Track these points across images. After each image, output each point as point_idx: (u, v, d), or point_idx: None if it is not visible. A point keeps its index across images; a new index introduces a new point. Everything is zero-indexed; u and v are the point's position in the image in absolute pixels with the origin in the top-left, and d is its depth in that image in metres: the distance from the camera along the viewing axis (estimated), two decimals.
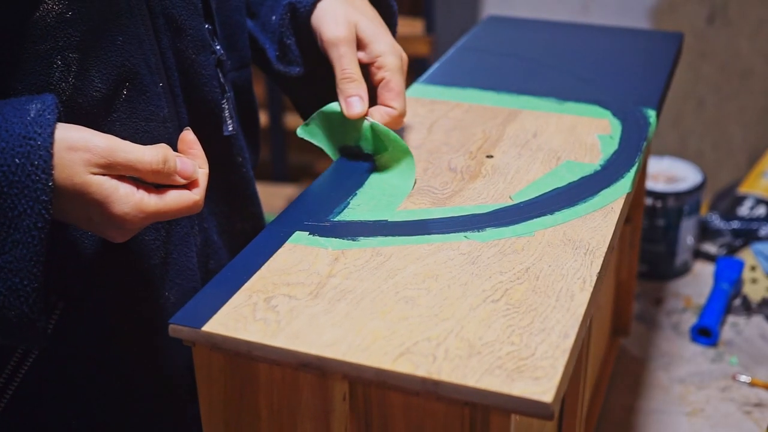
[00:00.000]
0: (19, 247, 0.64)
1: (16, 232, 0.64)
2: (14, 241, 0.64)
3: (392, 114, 0.87)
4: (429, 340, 0.63)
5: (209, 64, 0.85)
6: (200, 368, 0.69)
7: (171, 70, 0.82)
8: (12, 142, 0.64)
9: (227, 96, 0.88)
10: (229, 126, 0.88)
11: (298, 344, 0.63)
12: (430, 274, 0.71)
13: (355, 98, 0.86)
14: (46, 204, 0.64)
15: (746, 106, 2.42)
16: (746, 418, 1.17)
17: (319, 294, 0.69)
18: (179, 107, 0.83)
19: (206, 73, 0.84)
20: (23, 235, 0.64)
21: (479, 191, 0.83)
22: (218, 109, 0.87)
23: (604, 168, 0.87)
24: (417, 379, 0.60)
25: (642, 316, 1.40)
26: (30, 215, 0.64)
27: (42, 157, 0.64)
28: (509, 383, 0.58)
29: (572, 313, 0.65)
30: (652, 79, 1.09)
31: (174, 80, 0.82)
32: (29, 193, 0.64)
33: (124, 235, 0.71)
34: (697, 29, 2.38)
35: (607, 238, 0.75)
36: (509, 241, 0.75)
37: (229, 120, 0.88)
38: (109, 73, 0.75)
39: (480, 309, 0.66)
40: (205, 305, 0.68)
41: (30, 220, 0.64)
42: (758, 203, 1.64)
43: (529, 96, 1.04)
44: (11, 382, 0.79)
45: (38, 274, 0.65)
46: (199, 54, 0.83)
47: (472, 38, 1.26)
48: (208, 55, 0.84)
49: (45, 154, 0.64)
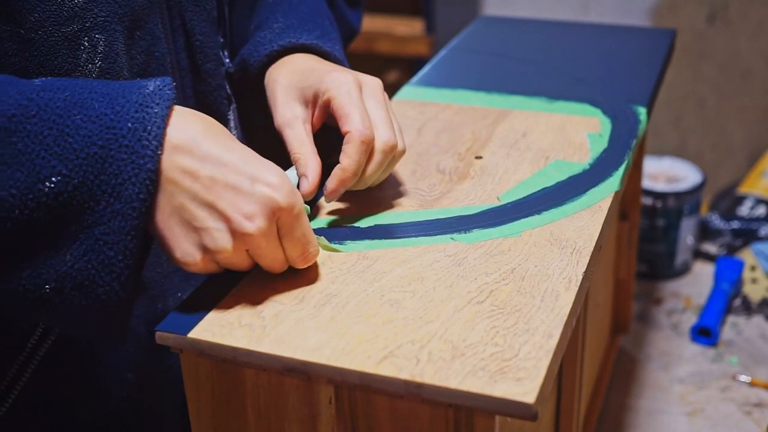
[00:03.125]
0: (118, 218, 0.62)
1: (117, 202, 0.62)
2: (114, 212, 0.62)
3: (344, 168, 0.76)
4: (413, 342, 0.63)
5: (218, 74, 0.86)
6: (188, 374, 0.69)
7: (185, 72, 0.83)
8: (128, 107, 0.63)
9: (233, 107, 0.89)
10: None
11: (283, 349, 0.63)
12: (415, 276, 0.70)
13: (301, 179, 0.78)
14: (151, 174, 0.62)
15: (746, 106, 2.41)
16: (746, 418, 1.16)
17: (304, 298, 0.68)
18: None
19: (215, 82, 0.85)
20: (124, 205, 0.62)
21: (467, 192, 0.83)
22: (224, 120, 0.87)
23: (593, 167, 0.86)
24: (400, 382, 0.60)
25: (642, 316, 1.39)
26: (134, 183, 0.62)
27: (156, 123, 0.63)
28: (492, 385, 0.58)
29: (557, 313, 0.65)
30: (644, 76, 1.08)
31: (187, 82, 0.83)
32: (137, 159, 0.62)
33: None
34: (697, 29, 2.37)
35: (594, 237, 0.74)
36: (496, 242, 0.75)
37: (234, 131, 0.89)
38: (133, 61, 0.76)
39: (465, 311, 0.66)
40: (191, 312, 0.68)
41: (133, 189, 0.62)
42: (758, 203, 1.63)
43: (520, 96, 1.04)
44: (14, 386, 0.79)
45: (134, 250, 0.63)
46: (208, 62, 0.84)
47: (465, 39, 1.26)
48: (218, 65, 0.85)
49: (160, 122, 0.63)
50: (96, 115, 0.62)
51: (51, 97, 0.62)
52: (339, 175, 0.76)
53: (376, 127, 0.77)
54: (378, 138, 0.77)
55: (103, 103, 0.63)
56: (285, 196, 0.65)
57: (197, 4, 0.82)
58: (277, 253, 0.68)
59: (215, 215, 0.64)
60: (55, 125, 0.61)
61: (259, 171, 0.65)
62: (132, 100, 0.63)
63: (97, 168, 0.62)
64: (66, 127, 0.61)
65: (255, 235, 0.65)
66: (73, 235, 0.62)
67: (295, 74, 0.82)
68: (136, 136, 0.62)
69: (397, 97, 1.06)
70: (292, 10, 0.92)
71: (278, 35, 0.87)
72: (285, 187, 0.65)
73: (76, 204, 0.61)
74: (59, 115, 0.61)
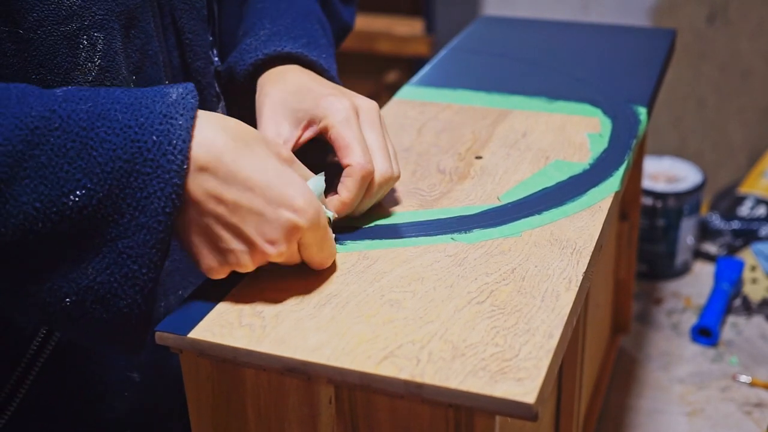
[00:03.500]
0: (143, 231, 0.62)
1: (142, 215, 0.61)
2: (138, 225, 0.62)
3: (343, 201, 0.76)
4: (413, 342, 0.63)
5: (208, 72, 0.86)
6: (188, 375, 0.69)
7: (176, 70, 0.83)
8: (152, 119, 0.62)
9: (221, 105, 0.89)
10: None
11: (283, 349, 0.63)
12: (416, 276, 0.70)
13: None
14: (177, 189, 0.62)
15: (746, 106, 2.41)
16: (746, 418, 1.16)
17: (304, 299, 0.68)
18: None
19: (204, 80, 0.86)
20: (149, 219, 0.61)
21: (467, 192, 0.83)
22: None
23: (593, 167, 0.86)
24: (400, 382, 0.60)
25: (642, 316, 1.39)
26: (160, 198, 0.61)
27: (181, 137, 0.62)
28: (492, 385, 0.58)
29: (557, 313, 0.65)
30: (644, 76, 1.08)
31: (179, 80, 0.83)
32: (162, 173, 0.61)
33: None
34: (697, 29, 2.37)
35: (594, 237, 0.74)
36: (496, 242, 0.74)
37: None
38: (129, 59, 0.76)
39: (465, 311, 0.66)
40: (191, 312, 0.68)
41: (159, 204, 0.62)
42: (758, 203, 1.63)
43: (520, 96, 1.04)
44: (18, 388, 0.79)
45: (158, 263, 0.63)
46: (197, 60, 0.84)
47: (464, 39, 1.25)
48: (207, 63, 0.85)
49: (185, 135, 0.62)
50: (120, 128, 0.62)
51: (74, 108, 0.61)
52: (338, 207, 0.76)
53: (374, 157, 0.77)
54: (377, 170, 0.76)
55: (127, 115, 0.62)
56: (308, 220, 0.66)
57: (187, 3, 0.82)
58: (295, 259, 0.69)
59: (239, 238, 0.65)
60: (79, 138, 0.61)
61: (285, 194, 0.65)
62: (156, 111, 0.63)
63: (122, 182, 0.61)
64: (90, 140, 0.61)
65: (276, 258, 0.67)
66: (96, 248, 0.62)
67: (288, 93, 0.81)
68: (161, 150, 0.62)
69: (397, 97, 1.06)
70: (280, 15, 0.91)
71: (263, 43, 0.87)
72: (309, 210, 0.66)
73: (100, 217, 0.61)
74: (82, 128, 0.61)
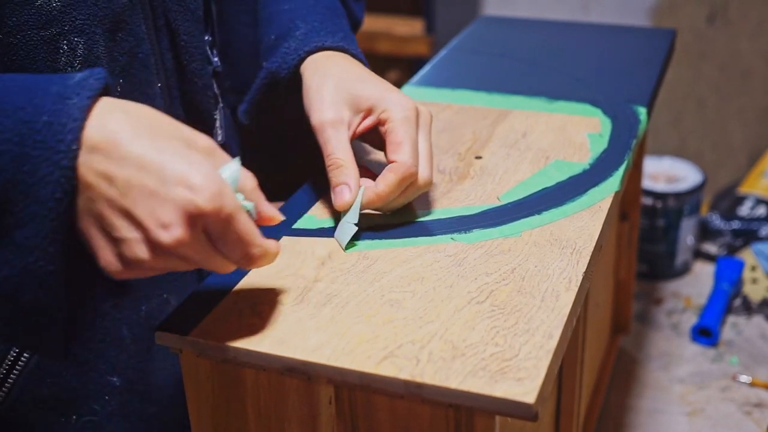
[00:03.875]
0: (36, 221, 0.57)
1: (33, 203, 0.57)
2: (30, 214, 0.57)
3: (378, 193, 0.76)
4: (413, 342, 0.63)
5: (205, 73, 0.85)
6: (188, 375, 0.69)
7: (170, 72, 0.82)
8: (46, 99, 0.58)
9: (220, 107, 0.88)
10: (218, 136, 0.88)
11: (283, 349, 0.63)
12: (416, 276, 0.70)
13: (342, 187, 0.76)
14: (67, 172, 0.57)
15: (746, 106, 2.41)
16: (746, 418, 1.16)
17: (304, 299, 0.68)
18: (176, 110, 0.84)
19: (201, 82, 0.85)
20: (40, 207, 0.57)
21: (467, 192, 0.83)
22: (210, 119, 0.87)
23: (593, 167, 0.86)
24: (400, 382, 0.60)
25: (642, 316, 1.39)
26: (48, 183, 0.57)
27: (73, 116, 0.57)
28: (492, 385, 0.58)
29: (557, 313, 0.65)
30: (644, 76, 1.08)
31: (172, 82, 0.83)
32: (51, 155, 0.57)
33: None
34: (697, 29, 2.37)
35: (594, 237, 0.74)
36: (496, 242, 0.74)
37: (220, 130, 0.88)
38: (115, 62, 0.75)
39: (465, 311, 0.66)
40: (191, 312, 0.68)
41: (48, 190, 0.57)
42: (758, 203, 1.63)
43: (520, 96, 1.04)
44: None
45: (55, 255, 0.59)
46: (193, 62, 0.84)
47: (464, 39, 1.25)
48: (204, 64, 0.85)
49: (77, 114, 0.58)
50: (12, 109, 0.58)
51: None
52: (371, 197, 0.75)
53: (421, 162, 0.77)
54: (420, 174, 0.77)
55: (21, 96, 0.58)
56: (207, 199, 0.58)
57: (180, 4, 0.82)
58: (213, 257, 0.62)
59: (132, 224, 0.59)
60: None
61: (180, 170, 0.58)
62: (51, 92, 0.58)
63: (13, 167, 0.57)
64: None
65: (173, 245, 0.58)
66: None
67: (350, 79, 0.81)
68: (51, 130, 0.57)
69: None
70: (309, 13, 0.91)
71: (302, 42, 0.87)
72: (209, 189, 0.58)
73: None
74: None
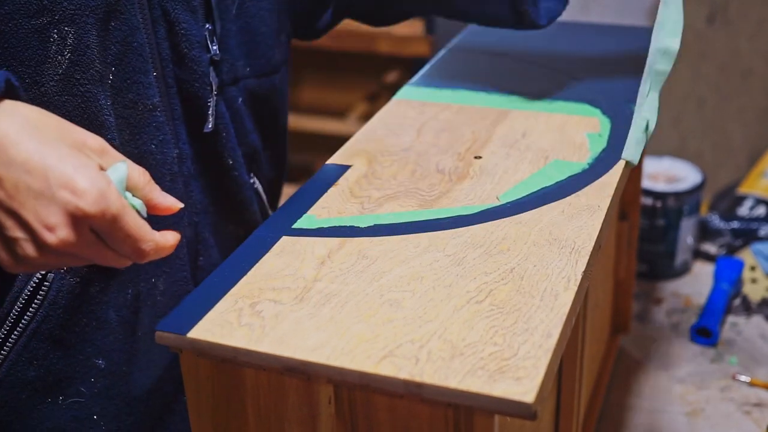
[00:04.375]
0: None
1: None
2: None
3: None
4: (412, 342, 0.63)
5: (203, 61, 0.86)
6: (187, 375, 0.69)
7: (166, 61, 0.83)
8: None
9: (214, 95, 0.89)
10: (209, 124, 0.88)
11: (282, 349, 0.63)
12: (415, 276, 0.70)
13: None
14: None
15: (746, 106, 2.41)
16: (746, 418, 1.16)
17: (304, 298, 0.68)
18: (172, 98, 0.85)
19: (198, 69, 0.86)
20: None
21: (467, 192, 0.83)
22: (204, 107, 0.88)
23: (592, 166, 0.86)
24: (400, 381, 0.60)
25: (642, 316, 1.39)
26: None
27: None
28: (491, 384, 0.58)
29: (556, 312, 0.65)
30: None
31: (168, 71, 0.84)
32: None
33: None
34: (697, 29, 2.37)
35: (593, 237, 0.74)
36: (495, 242, 0.74)
37: (210, 118, 0.89)
38: (107, 51, 0.76)
39: (464, 310, 0.66)
40: (190, 311, 0.68)
41: None
42: (758, 203, 1.63)
43: (520, 96, 1.04)
44: None
45: None
46: (192, 50, 0.85)
47: (465, 39, 1.26)
48: (202, 52, 0.86)
49: None
50: None
51: None
52: None
53: None
54: None
55: None
56: (91, 202, 0.61)
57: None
58: (104, 254, 0.65)
59: (20, 225, 0.61)
60: None
61: (65, 174, 0.61)
62: None
63: None
64: None
65: (59, 246, 0.61)
66: None
67: None
68: None
69: (397, 97, 1.06)
70: None
71: None
72: (92, 192, 0.61)
73: None
74: None
